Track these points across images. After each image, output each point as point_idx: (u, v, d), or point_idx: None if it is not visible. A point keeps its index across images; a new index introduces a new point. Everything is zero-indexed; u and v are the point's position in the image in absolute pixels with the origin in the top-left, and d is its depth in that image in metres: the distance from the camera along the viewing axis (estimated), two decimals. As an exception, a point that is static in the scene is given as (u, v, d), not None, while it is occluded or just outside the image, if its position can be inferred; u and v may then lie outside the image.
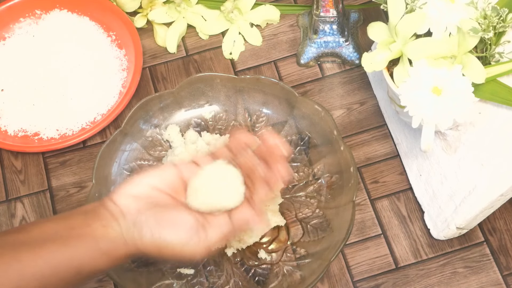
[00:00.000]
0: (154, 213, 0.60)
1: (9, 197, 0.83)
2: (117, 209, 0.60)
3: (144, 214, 0.60)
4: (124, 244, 0.59)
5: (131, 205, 0.60)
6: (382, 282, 0.77)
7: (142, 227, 0.59)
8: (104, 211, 0.60)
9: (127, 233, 0.59)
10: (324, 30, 0.86)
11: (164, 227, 0.59)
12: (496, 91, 0.69)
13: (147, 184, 0.62)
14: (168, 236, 0.59)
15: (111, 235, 0.59)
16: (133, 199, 0.61)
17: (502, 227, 0.78)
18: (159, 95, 0.80)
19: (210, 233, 0.60)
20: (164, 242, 0.59)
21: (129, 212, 0.60)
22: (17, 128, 0.86)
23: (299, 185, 0.79)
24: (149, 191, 0.61)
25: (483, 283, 0.76)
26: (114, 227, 0.59)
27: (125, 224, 0.60)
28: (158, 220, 0.60)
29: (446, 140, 0.74)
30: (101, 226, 0.59)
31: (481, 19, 0.67)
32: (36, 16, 0.92)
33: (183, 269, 0.75)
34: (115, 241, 0.59)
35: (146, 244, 0.59)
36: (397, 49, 0.70)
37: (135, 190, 0.61)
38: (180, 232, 0.60)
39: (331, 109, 0.85)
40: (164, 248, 0.60)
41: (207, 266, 0.76)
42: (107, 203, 0.61)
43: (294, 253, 0.76)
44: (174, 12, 0.90)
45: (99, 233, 0.59)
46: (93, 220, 0.59)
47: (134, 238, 0.59)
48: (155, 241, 0.59)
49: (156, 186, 0.62)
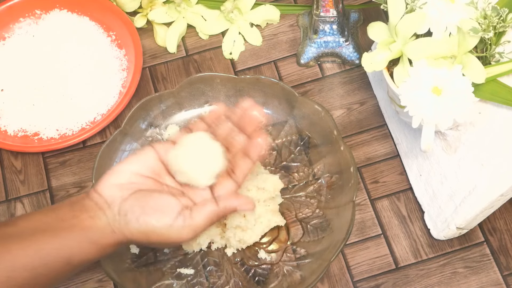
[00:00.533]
0: (138, 199, 0.61)
1: (9, 197, 0.83)
2: (101, 200, 0.61)
3: (128, 202, 0.61)
4: (112, 232, 0.61)
5: (115, 195, 0.61)
6: (382, 282, 0.77)
7: (127, 215, 0.60)
8: (90, 203, 0.61)
9: (114, 222, 0.61)
10: (324, 30, 0.86)
11: (149, 213, 0.60)
12: (496, 91, 0.69)
13: (129, 171, 0.63)
14: (153, 220, 0.60)
15: (99, 225, 0.60)
16: (116, 188, 0.62)
17: (502, 227, 0.78)
18: (159, 95, 0.80)
19: (195, 214, 0.61)
20: (149, 227, 0.60)
21: (114, 201, 0.61)
22: (17, 128, 0.86)
23: (299, 185, 0.79)
24: (132, 177, 0.63)
25: (483, 283, 0.76)
26: (100, 218, 0.61)
27: (111, 213, 0.61)
28: (142, 206, 0.61)
29: (446, 140, 0.74)
30: (88, 217, 0.60)
31: (481, 19, 0.67)
32: (36, 16, 0.92)
33: (183, 269, 0.75)
34: (103, 230, 0.60)
35: (133, 231, 0.61)
36: (397, 49, 0.70)
37: (118, 179, 0.62)
38: (164, 216, 0.61)
39: (331, 109, 0.85)
40: (150, 233, 0.61)
41: (207, 266, 0.76)
42: (92, 195, 0.62)
43: (294, 253, 0.76)
44: (174, 12, 0.90)
45: (87, 224, 0.60)
46: (80, 212, 0.61)
47: (120, 226, 0.60)
48: (141, 227, 0.60)
49: (138, 172, 0.63)
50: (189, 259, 0.76)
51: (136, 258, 0.75)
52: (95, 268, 0.78)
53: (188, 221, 0.61)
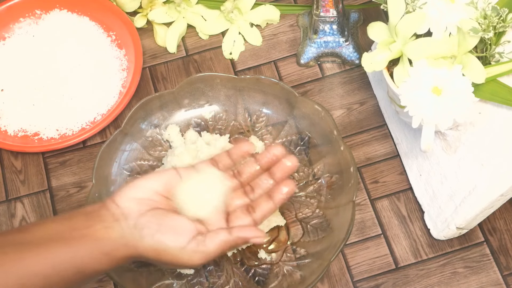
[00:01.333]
0: (155, 217, 0.61)
1: (9, 197, 0.83)
2: (118, 211, 0.61)
3: (146, 217, 0.61)
4: (125, 245, 0.60)
5: (133, 208, 0.61)
6: (382, 282, 0.77)
7: (143, 230, 0.60)
8: (106, 213, 0.61)
9: (128, 234, 0.60)
10: (324, 30, 0.86)
11: (164, 231, 0.60)
12: (496, 91, 0.69)
13: (149, 188, 0.62)
14: (168, 240, 0.60)
15: (112, 236, 0.60)
16: (135, 202, 0.61)
17: (502, 227, 0.78)
18: (159, 95, 0.80)
19: (208, 241, 0.61)
20: (163, 246, 0.60)
21: (131, 214, 0.61)
22: (17, 128, 0.86)
23: (299, 185, 0.79)
24: (151, 195, 0.62)
25: (483, 283, 0.76)
26: (115, 229, 0.60)
27: (126, 225, 0.60)
28: (159, 224, 0.60)
29: (446, 140, 0.74)
30: (102, 227, 0.60)
31: (481, 19, 0.67)
32: (36, 16, 0.92)
33: (183, 269, 0.75)
34: (116, 242, 0.60)
35: (146, 246, 0.60)
36: (397, 49, 0.70)
37: (138, 193, 0.62)
38: (179, 237, 0.60)
39: (331, 109, 0.85)
40: (162, 252, 0.60)
41: (207, 266, 0.76)
42: (109, 205, 0.61)
43: (294, 253, 0.76)
44: (174, 12, 0.90)
45: (101, 234, 0.59)
46: (95, 222, 0.60)
47: (134, 240, 0.60)
48: (155, 244, 0.60)
49: (158, 191, 0.63)
50: (189, 259, 0.76)
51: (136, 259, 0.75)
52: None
53: (201, 246, 0.61)
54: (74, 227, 0.60)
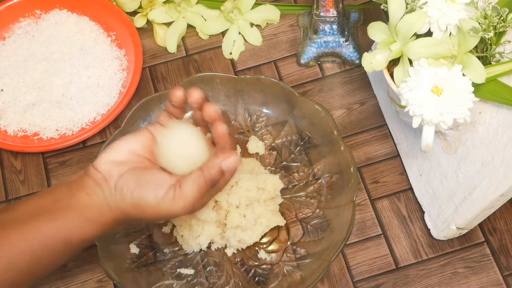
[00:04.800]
0: (133, 175, 0.62)
1: (9, 197, 0.83)
2: (99, 176, 0.62)
3: (124, 177, 0.62)
4: (109, 209, 0.62)
5: (112, 170, 0.62)
6: (382, 282, 0.77)
7: (122, 189, 0.61)
8: (88, 179, 0.62)
9: (110, 197, 0.62)
10: (324, 30, 0.86)
11: (142, 186, 0.62)
12: (496, 91, 0.69)
13: (126, 149, 0.64)
14: (146, 193, 0.61)
15: (96, 202, 0.61)
16: (114, 164, 0.63)
17: (502, 227, 0.78)
18: (159, 95, 0.80)
19: (184, 187, 0.62)
20: (143, 201, 0.61)
21: (111, 177, 0.62)
22: (17, 128, 0.86)
23: (299, 185, 0.79)
24: (129, 155, 0.64)
25: (483, 283, 0.76)
26: (97, 193, 0.61)
27: (107, 188, 0.62)
28: (137, 180, 0.62)
29: (446, 140, 0.74)
30: (85, 194, 0.61)
31: (482, 19, 0.66)
32: (36, 16, 0.92)
33: (183, 269, 0.75)
34: (100, 207, 0.61)
35: (128, 205, 0.61)
36: (397, 49, 0.70)
37: (116, 155, 0.64)
38: (156, 189, 0.62)
39: (331, 109, 0.85)
40: (144, 207, 0.61)
41: (207, 266, 0.76)
42: (90, 171, 0.63)
43: (294, 253, 0.76)
44: (174, 12, 0.90)
45: (84, 202, 0.61)
46: (78, 190, 0.62)
47: (116, 201, 0.61)
48: (135, 201, 0.61)
49: (135, 151, 0.64)
50: (189, 259, 0.76)
51: (136, 258, 0.75)
52: (95, 268, 0.78)
53: (178, 191, 0.61)
54: (57, 199, 0.61)
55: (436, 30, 0.68)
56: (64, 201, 0.61)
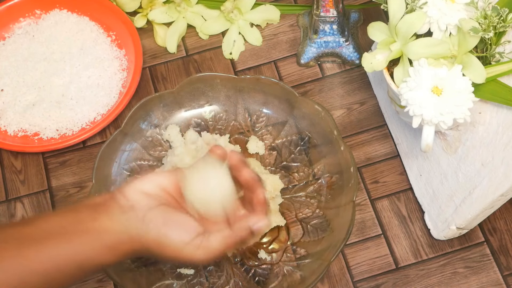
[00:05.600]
0: (163, 212, 0.61)
1: (9, 197, 0.83)
2: (127, 203, 0.61)
3: (154, 211, 0.61)
4: (129, 239, 0.60)
5: (141, 201, 0.61)
6: (382, 282, 0.77)
7: (149, 223, 0.60)
8: (114, 205, 0.61)
9: (134, 227, 0.60)
10: (324, 30, 0.86)
11: (170, 226, 0.61)
12: (496, 91, 0.69)
13: (157, 184, 0.63)
14: (173, 234, 0.60)
15: (117, 229, 0.60)
16: (143, 195, 0.62)
17: (502, 227, 0.78)
18: (159, 95, 0.80)
19: (212, 237, 0.61)
20: (167, 241, 0.60)
21: (139, 207, 0.61)
22: (17, 128, 0.86)
23: (299, 185, 0.79)
24: (159, 191, 0.63)
25: (483, 283, 0.76)
26: (121, 221, 0.60)
27: (133, 218, 0.60)
28: (165, 219, 0.61)
29: (446, 140, 0.74)
30: (108, 219, 0.60)
31: (482, 19, 0.67)
32: (36, 16, 0.92)
33: (183, 269, 0.75)
34: (120, 235, 0.60)
35: (150, 240, 0.60)
36: (397, 49, 0.70)
37: (146, 187, 0.62)
38: (184, 232, 0.61)
39: (331, 109, 0.85)
40: (166, 247, 0.61)
41: (207, 266, 0.76)
42: (117, 197, 0.62)
43: (294, 253, 0.76)
44: (174, 12, 0.90)
45: (105, 227, 0.60)
46: (101, 214, 0.60)
47: (139, 234, 0.60)
48: (159, 238, 0.60)
49: (165, 188, 0.63)
50: (189, 259, 0.76)
51: (136, 258, 0.75)
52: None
53: (205, 242, 0.61)
54: (78, 220, 0.60)
55: (436, 30, 0.68)
56: (85, 224, 0.59)
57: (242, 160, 0.65)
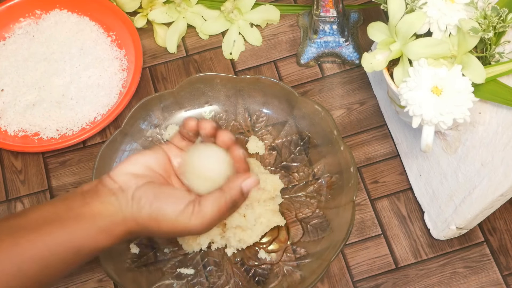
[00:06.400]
0: (151, 188, 0.62)
1: (9, 197, 0.83)
2: (115, 185, 0.62)
3: (143, 189, 0.62)
4: (123, 219, 0.61)
5: (129, 181, 0.62)
6: (382, 282, 0.77)
7: (140, 200, 0.61)
8: (103, 188, 0.62)
9: (126, 207, 0.61)
10: (324, 30, 0.86)
11: (161, 199, 0.61)
12: (496, 91, 0.69)
13: (143, 164, 0.64)
14: (165, 206, 0.61)
15: (110, 211, 0.61)
16: (130, 176, 0.63)
17: (502, 227, 0.78)
18: (159, 95, 0.80)
19: (204, 205, 0.62)
20: (161, 213, 0.61)
21: (128, 187, 0.62)
22: (17, 128, 0.86)
23: (299, 185, 0.79)
24: (145, 170, 0.64)
25: (483, 283, 0.76)
26: (112, 203, 0.61)
27: (123, 198, 0.61)
28: (156, 193, 0.62)
29: (446, 140, 0.74)
30: (99, 203, 0.61)
31: (481, 19, 0.67)
32: (36, 16, 0.92)
33: (183, 269, 0.75)
34: (114, 217, 0.61)
35: (144, 217, 0.61)
36: (397, 49, 0.70)
37: (132, 168, 0.63)
38: (176, 203, 0.62)
39: (331, 109, 0.85)
40: (162, 220, 0.61)
41: (207, 266, 0.76)
42: (106, 180, 0.63)
43: (294, 253, 0.76)
44: (174, 12, 0.90)
45: (97, 211, 0.60)
46: (91, 199, 0.61)
47: (132, 212, 0.61)
48: (153, 213, 0.61)
49: (151, 166, 0.64)
50: (189, 259, 0.76)
51: (136, 258, 0.75)
52: (95, 268, 0.78)
53: (197, 208, 0.62)
54: (70, 207, 0.60)
55: (436, 30, 0.68)
56: (77, 210, 0.60)
57: (215, 125, 0.66)
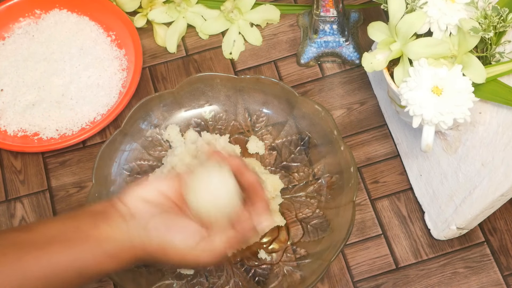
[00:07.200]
0: (165, 219, 0.61)
1: (9, 197, 0.83)
2: (126, 210, 0.61)
3: (156, 219, 0.60)
4: (131, 246, 0.60)
5: (141, 208, 0.61)
6: (382, 282, 0.76)
7: (151, 230, 0.60)
8: (114, 212, 0.60)
9: (136, 235, 0.60)
10: (324, 30, 0.86)
11: (174, 232, 0.60)
12: (496, 91, 0.69)
13: (156, 189, 0.62)
14: (177, 240, 0.60)
15: (118, 237, 0.59)
16: (143, 202, 0.61)
17: (502, 227, 0.78)
18: (159, 95, 0.80)
19: (216, 239, 0.61)
20: (171, 246, 0.60)
21: (140, 214, 0.60)
22: (17, 128, 0.86)
23: (299, 185, 0.79)
24: (158, 196, 0.62)
25: (483, 283, 0.76)
26: (121, 228, 0.59)
27: (133, 225, 0.60)
28: (168, 225, 0.60)
29: (446, 140, 0.74)
30: (109, 227, 0.59)
31: (482, 18, 0.66)
32: (36, 16, 0.92)
33: (183, 269, 0.75)
34: (122, 243, 0.59)
35: (154, 247, 0.60)
36: (397, 49, 0.70)
37: (145, 193, 0.62)
38: (188, 237, 0.61)
39: (331, 109, 0.85)
40: (171, 252, 0.60)
41: (207, 267, 0.76)
42: (117, 204, 0.61)
43: (294, 253, 0.76)
44: (174, 12, 0.90)
45: (105, 234, 0.59)
46: (101, 222, 0.59)
47: (142, 242, 0.60)
48: (164, 246, 0.60)
49: (166, 193, 0.63)
50: (189, 259, 0.76)
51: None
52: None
53: (209, 245, 0.61)
54: (78, 227, 0.59)
55: (436, 30, 0.68)
56: (85, 231, 0.59)
57: (242, 163, 0.65)
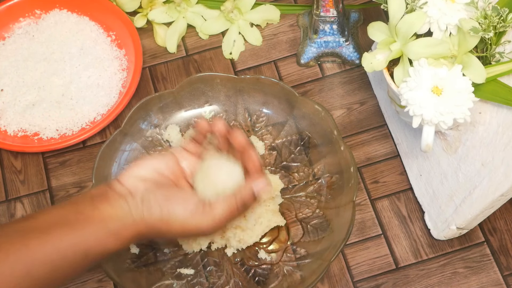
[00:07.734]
0: (160, 189, 0.63)
1: (9, 197, 0.83)
2: (124, 189, 0.63)
3: (152, 192, 0.62)
4: (133, 222, 0.61)
5: (138, 185, 0.63)
6: (382, 282, 0.77)
7: (150, 203, 0.62)
8: (112, 193, 0.62)
9: (136, 210, 0.62)
10: (324, 30, 0.86)
11: (172, 201, 0.62)
12: (496, 91, 0.69)
13: (152, 168, 0.65)
14: (176, 207, 0.62)
15: (120, 214, 0.61)
16: (139, 180, 0.63)
17: (502, 227, 0.78)
18: (159, 95, 0.80)
19: (216, 204, 0.63)
20: (172, 215, 0.62)
21: (137, 190, 0.62)
22: (17, 128, 0.86)
23: (299, 185, 0.79)
24: (154, 174, 0.64)
25: (483, 283, 0.76)
26: (122, 206, 0.61)
27: (133, 202, 0.62)
28: (165, 195, 0.62)
29: (446, 140, 0.74)
30: (109, 206, 0.61)
31: (482, 18, 0.67)
32: (36, 16, 0.92)
33: (183, 269, 0.75)
34: (124, 220, 0.61)
35: (155, 219, 0.62)
36: (397, 49, 0.70)
37: (141, 172, 0.64)
38: (187, 204, 0.62)
39: (331, 109, 0.85)
40: (172, 222, 0.62)
41: (207, 266, 0.76)
42: (115, 185, 0.63)
43: (294, 253, 0.76)
44: (174, 12, 0.90)
45: (107, 214, 0.61)
46: (101, 203, 0.61)
47: (143, 215, 0.61)
48: (164, 215, 0.62)
49: (160, 170, 0.65)
50: (189, 259, 0.76)
51: (136, 258, 0.75)
52: (95, 268, 0.78)
53: (208, 208, 0.62)
54: (79, 210, 0.61)
55: (436, 30, 0.68)
56: (87, 213, 0.60)
57: (228, 125, 0.67)
